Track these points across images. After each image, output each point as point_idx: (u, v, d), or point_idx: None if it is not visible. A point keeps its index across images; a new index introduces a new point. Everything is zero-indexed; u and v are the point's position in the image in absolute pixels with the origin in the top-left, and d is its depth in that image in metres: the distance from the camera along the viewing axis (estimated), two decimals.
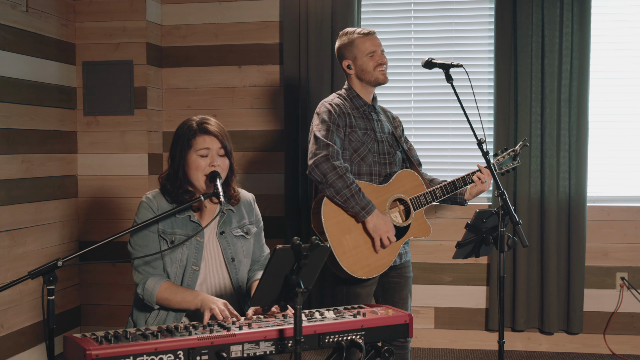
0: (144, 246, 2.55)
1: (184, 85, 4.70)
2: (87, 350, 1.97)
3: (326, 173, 2.94)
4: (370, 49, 3.13)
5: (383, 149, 3.16)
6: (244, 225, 2.69)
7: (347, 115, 3.10)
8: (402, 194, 3.12)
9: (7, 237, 3.86)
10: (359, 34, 3.16)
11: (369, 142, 3.12)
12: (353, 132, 3.09)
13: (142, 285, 2.52)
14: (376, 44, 3.15)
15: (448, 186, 3.13)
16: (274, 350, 2.18)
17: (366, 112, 3.17)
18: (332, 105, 3.10)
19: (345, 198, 2.94)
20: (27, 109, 4.05)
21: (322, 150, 2.97)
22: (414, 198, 3.11)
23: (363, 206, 2.95)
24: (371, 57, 3.13)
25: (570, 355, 4.39)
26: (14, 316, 3.95)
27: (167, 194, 2.59)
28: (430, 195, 3.13)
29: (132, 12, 4.47)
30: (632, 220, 4.38)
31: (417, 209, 3.12)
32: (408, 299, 3.25)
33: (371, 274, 3.04)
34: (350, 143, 3.09)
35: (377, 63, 3.13)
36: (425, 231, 3.16)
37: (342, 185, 2.93)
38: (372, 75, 3.14)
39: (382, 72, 3.15)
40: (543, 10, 4.26)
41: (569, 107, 4.28)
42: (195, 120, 2.60)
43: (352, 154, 3.10)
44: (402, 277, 3.22)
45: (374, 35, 3.18)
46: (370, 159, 3.12)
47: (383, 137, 3.18)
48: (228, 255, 2.63)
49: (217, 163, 2.55)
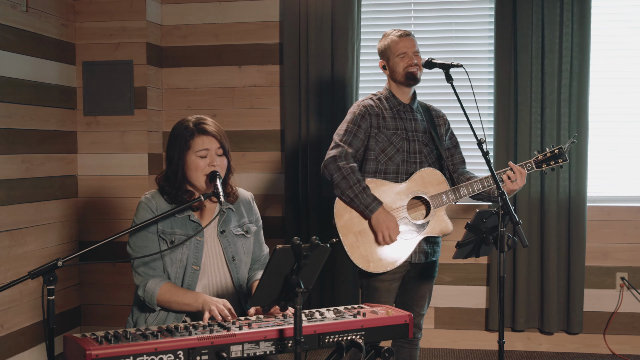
0: (143, 247, 2.55)
1: (184, 85, 4.70)
2: (87, 350, 1.97)
3: (332, 173, 3.09)
4: (401, 50, 3.18)
5: (414, 148, 3.20)
6: (243, 224, 2.69)
7: (374, 116, 3.18)
8: (420, 192, 3.14)
9: (7, 237, 3.86)
10: (394, 36, 3.21)
11: (398, 141, 3.17)
12: (380, 133, 3.17)
13: (143, 287, 2.51)
14: (408, 45, 3.19)
15: (474, 184, 3.14)
16: (274, 350, 2.18)
17: (400, 111, 3.22)
18: (359, 106, 3.21)
19: (349, 198, 3.07)
20: (27, 109, 4.05)
21: (332, 151, 3.13)
22: (434, 196, 3.13)
23: (367, 205, 3.04)
24: (402, 58, 3.18)
25: (570, 355, 4.39)
26: (14, 316, 3.95)
27: (165, 195, 2.59)
28: (453, 194, 3.13)
29: (132, 12, 4.46)
30: (632, 220, 4.38)
31: (436, 207, 3.13)
32: (426, 297, 3.30)
33: (382, 269, 3.10)
34: (377, 143, 3.17)
35: (407, 64, 3.18)
36: (444, 230, 3.17)
37: (346, 186, 3.05)
38: (402, 75, 3.20)
39: (413, 72, 3.19)
40: (543, 10, 4.26)
41: (569, 107, 4.28)
42: (191, 120, 2.59)
43: (379, 153, 3.17)
44: (423, 275, 3.26)
45: (409, 36, 3.21)
46: (399, 158, 3.17)
47: (416, 137, 3.21)
48: (229, 255, 2.63)
49: (217, 163, 2.55)
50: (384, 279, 3.14)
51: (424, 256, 3.21)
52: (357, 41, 4.42)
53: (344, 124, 3.20)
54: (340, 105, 4.37)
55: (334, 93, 4.42)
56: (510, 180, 3.09)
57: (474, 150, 4.30)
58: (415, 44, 3.22)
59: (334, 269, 4.41)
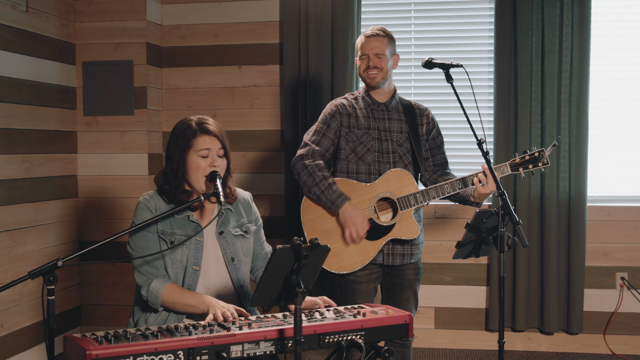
0: (144, 247, 2.54)
1: (184, 85, 4.70)
2: (87, 350, 1.97)
3: (299, 172, 3.11)
4: (363, 51, 3.17)
5: (387, 147, 3.17)
6: (242, 224, 2.69)
7: (345, 115, 3.15)
8: (387, 193, 3.10)
9: (7, 237, 3.86)
10: (363, 34, 3.20)
11: (369, 141, 3.14)
12: (350, 132, 3.15)
13: (147, 287, 2.51)
14: (371, 47, 3.14)
15: (444, 187, 3.09)
16: (274, 350, 2.18)
17: (374, 110, 3.20)
18: (331, 105, 3.21)
19: (316, 195, 3.08)
20: (27, 109, 4.05)
21: (299, 150, 3.16)
22: (402, 198, 3.09)
23: (333, 201, 3.04)
24: (362, 60, 3.17)
25: (570, 355, 4.39)
26: (14, 316, 3.95)
27: (164, 194, 2.58)
28: (422, 196, 3.08)
29: (132, 12, 4.46)
30: (632, 220, 4.38)
31: (403, 208, 3.08)
32: (411, 300, 3.25)
33: (344, 270, 3.07)
34: (347, 143, 3.15)
35: (365, 66, 3.15)
36: (411, 232, 3.11)
37: (312, 183, 3.06)
38: (362, 76, 3.19)
39: (370, 75, 3.15)
40: (543, 10, 4.26)
41: (569, 107, 4.28)
42: (193, 120, 2.59)
43: (350, 153, 3.14)
44: (404, 279, 3.22)
45: (375, 37, 3.15)
46: (370, 157, 3.14)
47: (390, 136, 3.18)
48: (228, 255, 2.63)
49: (217, 163, 2.55)
50: (360, 281, 3.12)
51: (399, 259, 3.16)
52: None
53: (315, 124, 3.21)
54: None
55: (334, 93, 4.42)
56: (480, 184, 3.01)
57: (474, 150, 4.32)
58: (383, 45, 3.14)
59: None
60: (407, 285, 3.23)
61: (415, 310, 3.30)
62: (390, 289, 3.24)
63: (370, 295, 3.18)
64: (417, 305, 3.30)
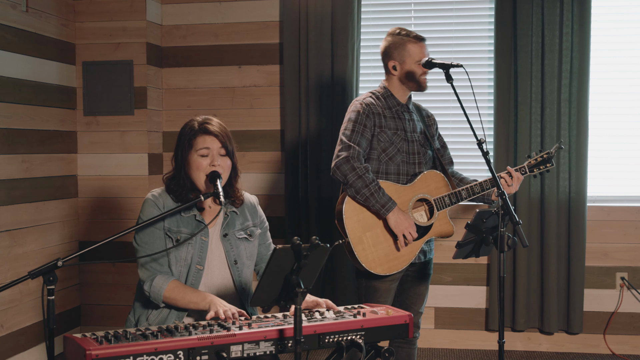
0: (150, 243, 2.55)
1: (184, 85, 4.70)
2: (87, 350, 1.97)
3: (347, 174, 3.04)
4: (421, 57, 3.15)
5: (413, 148, 3.20)
6: (247, 228, 2.70)
7: (376, 115, 3.16)
8: (426, 194, 3.15)
9: (7, 237, 3.86)
10: (413, 38, 3.16)
11: (398, 142, 3.17)
12: (382, 132, 3.15)
13: (150, 282, 2.52)
14: (426, 52, 3.17)
15: (475, 187, 3.15)
16: (274, 350, 2.18)
17: (399, 111, 3.21)
18: (362, 104, 3.17)
19: (365, 197, 3.04)
20: (27, 109, 4.05)
21: (343, 152, 3.08)
22: (438, 198, 3.14)
23: (383, 204, 3.03)
24: (420, 64, 3.16)
25: (570, 355, 4.39)
26: (14, 316, 3.95)
27: (172, 194, 2.60)
28: (455, 196, 3.14)
29: (132, 12, 4.46)
30: (632, 220, 4.38)
31: (440, 209, 3.14)
32: (424, 296, 3.31)
33: (390, 271, 3.10)
34: (379, 143, 3.15)
35: (423, 70, 3.17)
36: (447, 231, 3.18)
37: (362, 185, 3.02)
38: (419, 82, 3.19)
39: (426, 79, 3.20)
40: (543, 10, 4.26)
41: (569, 107, 4.28)
42: (197, 120, 2.61)
43: (380, 153, 3.15)
44: (421, 274, 3.27)
45: (425, 42, 3.20)
46: (399, 158, 3.16)
47: (414, 137, 3.21)
48: (231, 258, 2.63)
49: (218, 163, 2.55)
50: (385, 280, 3.14)
51: (422, 255, 3.23)
52: (357, 41, 4.42)
53: (349, 123, 3.14)
54: (340, 106, 4.37)
55: (334, 93, 4.42)
56: (507, 185, 3.13)
57: (474, 150, 4.31)
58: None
59: (334, 269, 4.41)
60: (423, 281, 3.29)
61: (424, 306, 3.35)
62: (405, 285, 3.28)
63: (391, 295, 3.20)
64: (426, 301, 3.36)
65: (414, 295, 3.28)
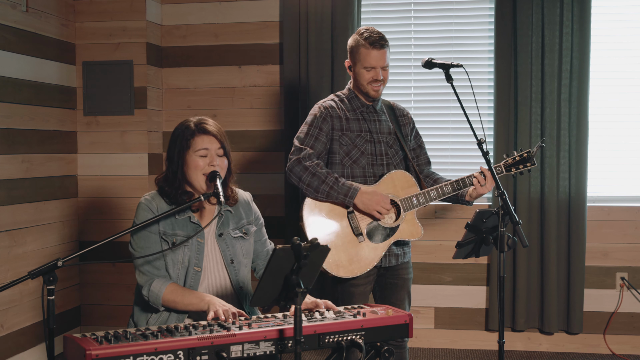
0: (145, 247, 2.54)
1: (184, 85, 4.70)
2: (87, 350, 1.97)
3: (300, 175, 3.02)
4: (370, 64, 3.06)
5: (380, 149, 3.15)
6: (242, 226, 2.69)
7: (336, 118, 3.10)
8: (391, 195, 3.08)
9: (7, 237, 3.86)
10: (366, 43, 3.06)
11: (362, 144, 3.12)
12: (343, 136, 3.10)
13: (148, 287, 2.51)
14: (378, 59, 3.05)
15: (444, 187, 3.09)
16: (274, 350, 2.18)
17: (363, 112, 3.16)
18: (321, 107, 3.13)
19: (326, 193, 3.00)
20: (27, 109, 4.06)
21: (294, 155, 3.07)
22: (405, 199, 3.08)
23: (345, 193, 2.98)
24: (368, 71, 3.08)
25: (570, 355, 4.39)
26: (14, 316, 3.95)
27: (165, 196, 2.59)
28: (423, 197, 3.08)
29: (132, 12, 4.46)
30: (632, 220, 4.38)
31: (407, 210, 3.08)
32: (405, 300, 3.23)
33: (352, 274, 3.04)
34: (341, 147, 3.10)
35: (372, 79, 3.08)
36: (415, 233, 3.11)
37: (318, 182, 2.99)
38: (364, 87, 3.12)
39: (374, 88, 3.10)
40: (543, 10, 4.26)
41: (569, 107, 4.28)
42: (192, 120, 2.60)
43: (344, 157, 3.11)
44: (399, 279, 3.20)
45: (382, 49, 3.06)
46: (364, 161, 3.12)
47: (381, 138, 3.16)
48: (227, 258, 2.63)
49: (217, 163, 2.55)
50: (358, 284, 3.09)
51: (394, 259, 3.15)
52: None
53: (304, 126, 3.11)
54: None
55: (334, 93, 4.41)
56: (479, 184, 3.03)
57: (474, 150, 4.31)
58: (387, 56, 3.08)
59: None
60: (402, 285, 3.21)
61: (409, 308, 3.28)
62: (384, 290, 3.21)
63: (366, 298, 3.16)
64: (410, 304, 3.29)
65: (396, 301, 3.19)
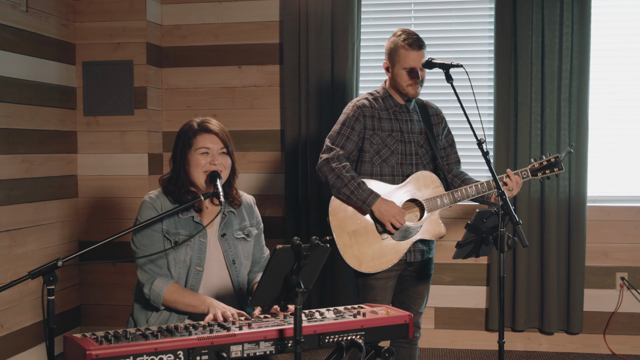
0: (148, 246, 2.55)
1: (184, 85, 4.70)
2: (87, 350, 1.97)
3: (327, 175, 3.11)
4: (410, 65, 3.11)
5: (410, 149, 3.19)
6: (244, 228, 2.70)
7: (368, 117, 3.16)
8: (416, 195, 3.13)
9: (7, 237, 3.86)
10: (405, 44, 3.11)
11: (393, 143, 3.16)
12: (374, 135, 3.16)
13: (150, 285, 2.52)
14: (417, 60, 3.10)
15: (470, 189, 3.12)
16: (274, 350, 2.18)
17: (396, 112, 3.21)
18: (354, 107, 3.19)
19: (346, 196, 3.07)
20: (27, 109, 4.05)
21: (324, 154, 3.16)
22: (429, 199, 3.12)
23: (364, 199, 3.04)
24: (408, 72, 3.13)
25: (570, 355, 4.39)
26: (14, 316, 3.95)
27: (169, 195, 2.60)
28: (448, 198, 3.12)
29: (132, 12, 4.46)
30: (632, 220, 4.38)
31: (431, 210, 3.12)
32: (424, 296, 3.30)
33: (374, 269, 3.10)
34: (372, 145, 3.16)
35: (412, 81, 3.13)
36: (437, 233, 3.16)
37: (341, 184, 3.06)
38: (403, 88, 3.16)
39: (413, 87, 3.15)
40: (543, 10, 4.26)
41: (569, 107, 4.28)
42: (196, 120, 2.62)
43: (374, 155, 3.16)
44: (420, 274, 3.26)
45: (420, 50, 3.11)
46: (394, 160, 3.16)
47: (412, 138, 3.20)
48: (229, 258, 2.63)
49: (218, 161, 2.55)
50: (379, 277, 3.15)
51: (420, 255, 3.20)
52: (357, 41, 4.42)
53: (337, 125, 3.18)
54: (340, 106, 4.33)
55: (334, 93, 4.42)
56: (507, 188, 3.07)
57: (474, 150, 4.31)
58: (424, 57, 3.13)
59: (334, 269, 4.41)
60: (422, 281, 3.27)
61: (424, 306, 3.33)
62: (404, 284, 3.27)
63: (388, 293, 3.19)
64: (427, 301, 3.35)
65: (413, 295, 3.27)
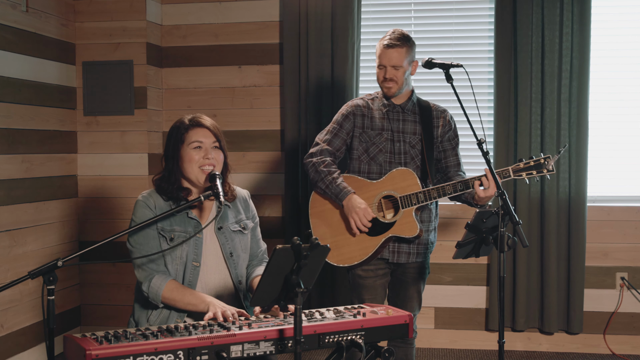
0: (144, 244, 2.55)
1: (184, 85, 4.70)
2: (87, 350, 1.97)
3: (308, 169, 3.24)
4: (380, 62, 3.17)
5: (399, 148, 3.21)
6: (240, 220, 2.71)
7: (360, 116, 3.24)
8: (392, 191, 3.15)
9: (7, 237, 3.86)
10: (381, 42, 3.17)
11: (382, 142, 3.20)
12: (364, 133, 3.23)
13: (148, 283, 2.52)
14: (388, 58, 3.12)
15: (446, 187, 3.09)
16: (274, 350, 2.18)
17: (389, 112, 3.23)
18: (347, 106, 3.32)
19: (322, 189, 3.20)
20: (27, 109, 4.05)
21: (311, 149, 3.28)
22: (404, 196, 3.12)
23: (336, 193, 3.15)
24: (380, 69, 3.18)
25: (570, 355, 4.39)
26: (14, 316, 3.95)
27: (162, 193, 2.61)
28: (424, 195, 3.10)
29: (132, 12, 4.46)
30: (632, 220, 4.38)
31: (405, 207, 3.12)
32: (414, 299, 3.30)
33: (343, 263, 3.20)
34: (361, 143, 3.24)
35: (383, 77, 3.18)
36: (411, 230, 3.13)
37: (318, 178, 3.19)
38: (380, 86, 3.23)
39: (386, 86, 3.18)
40: (543, 10, 4.26)
41: (569, 107, 4.28)
42: (187, 117, 2.66)
43: (362, 153, 3.23)
44: (408, 277, 3.27)
45: (394, 48, 3.11)
46: (382, 158, 3.20)
47: (403, 137, 3.22)
48: (227, 251, 2.64)
49: (211, 156, 2.56)
50: (365, 276, 3.20)
51: (405, 257, 3.20)
52: (357, 41, 4.42)
53: (329, 124, 3.32)
54: (340, 106, 4.30)
55: (334, 93, 4.42)
56: (481, 188, 2.98)
57: (474, 150, 4.31)
58: (401, 56, 3.11)
59: (334, 268, 4.40)
60: (411, 283, 3.27)
61: (418, 310, 3.34)
62: (395, 286, 3.31)
63: (377, 292, 3.22)
64: (420, 304, 3.35)
65: (405, 298, 3.28)
